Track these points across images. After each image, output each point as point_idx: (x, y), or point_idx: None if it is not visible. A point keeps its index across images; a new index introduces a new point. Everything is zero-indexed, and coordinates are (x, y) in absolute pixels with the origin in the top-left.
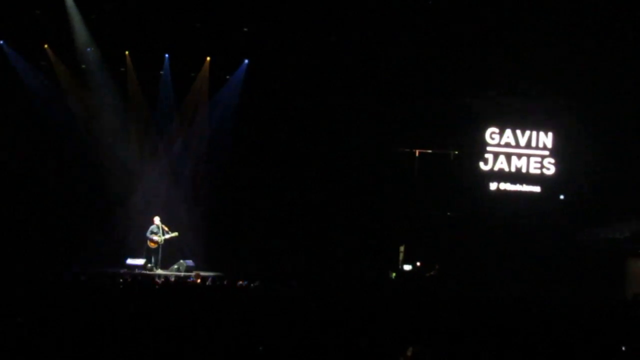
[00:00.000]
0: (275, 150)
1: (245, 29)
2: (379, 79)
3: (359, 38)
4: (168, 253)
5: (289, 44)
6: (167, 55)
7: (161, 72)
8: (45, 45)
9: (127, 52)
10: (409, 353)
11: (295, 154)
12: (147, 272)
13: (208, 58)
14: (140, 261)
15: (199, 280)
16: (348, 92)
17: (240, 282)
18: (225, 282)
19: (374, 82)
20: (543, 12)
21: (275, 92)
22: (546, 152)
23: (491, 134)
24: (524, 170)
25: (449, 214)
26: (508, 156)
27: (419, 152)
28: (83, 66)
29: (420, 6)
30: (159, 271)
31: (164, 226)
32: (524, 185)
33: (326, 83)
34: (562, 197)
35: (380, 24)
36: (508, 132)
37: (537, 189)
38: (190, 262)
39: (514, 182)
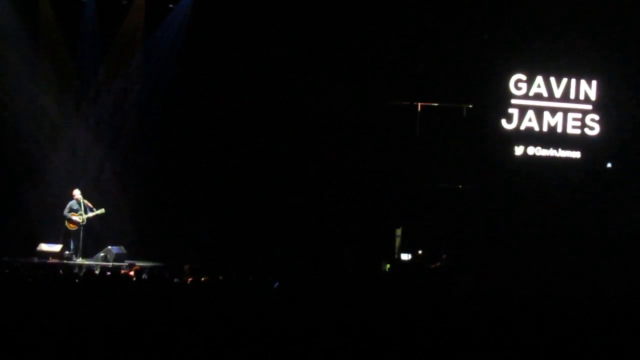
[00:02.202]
0: (234, 104)
1: None
2: (367, 7)
3: None
4: (92, 237)
5: None
6: None
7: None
8: None
9: None
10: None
11: (259, 109)
12: (65, 261)
13: None
14: (56, 247)
15: (132, 273)
16: (329, 27)
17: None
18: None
19: (362, 12)
20: None
21: (236, 28)
22: (589, 107)
23: (517, 82)
24: (559, 129)
25: (460, 187)
26: (539, 111)
27: (422, 106)
28: None
29: None
30: (80, 260)
31: (86, 202)
32: (560, 149)
33: (302, 15)
34: (609, 165)
35: None
36: (539, 79)
37: (576, 154)
38: (120, 249)
39: (546, 145)
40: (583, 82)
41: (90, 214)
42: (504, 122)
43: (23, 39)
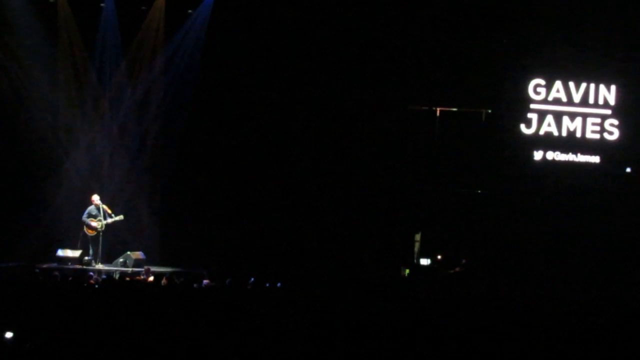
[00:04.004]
0: (252, 110)
1: None
2: (386, 13)
3: None
4: (111, 242)
5: None
6: None
7: (102, 5)
8: None
9: None
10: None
11: (277, 114)
12: (84, 267)
13: None
14: (76, 253)
15: (150, 278)
16: (349, 32)
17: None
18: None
19: (381, 17)
20: None
21: (254, 33)
22: (608, 111)
23: (535, 87)
24: (578, 134)
25: (479, 192)
26: (558, 116)
27: (441, 111)
28: None
29: None
30: (100, 266)
31: (105, 207)
32: (579, 154)
33: (322, 20)
34: (628, 169)
35: None
36: (558, 84)
37: (595, 159)
38: (140, 255)
39: (565, 150)
40: (602, 87)
41: (109, 220)
42: (522, 127)
43: (41, 41)
